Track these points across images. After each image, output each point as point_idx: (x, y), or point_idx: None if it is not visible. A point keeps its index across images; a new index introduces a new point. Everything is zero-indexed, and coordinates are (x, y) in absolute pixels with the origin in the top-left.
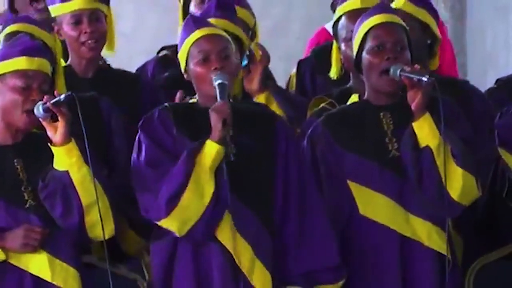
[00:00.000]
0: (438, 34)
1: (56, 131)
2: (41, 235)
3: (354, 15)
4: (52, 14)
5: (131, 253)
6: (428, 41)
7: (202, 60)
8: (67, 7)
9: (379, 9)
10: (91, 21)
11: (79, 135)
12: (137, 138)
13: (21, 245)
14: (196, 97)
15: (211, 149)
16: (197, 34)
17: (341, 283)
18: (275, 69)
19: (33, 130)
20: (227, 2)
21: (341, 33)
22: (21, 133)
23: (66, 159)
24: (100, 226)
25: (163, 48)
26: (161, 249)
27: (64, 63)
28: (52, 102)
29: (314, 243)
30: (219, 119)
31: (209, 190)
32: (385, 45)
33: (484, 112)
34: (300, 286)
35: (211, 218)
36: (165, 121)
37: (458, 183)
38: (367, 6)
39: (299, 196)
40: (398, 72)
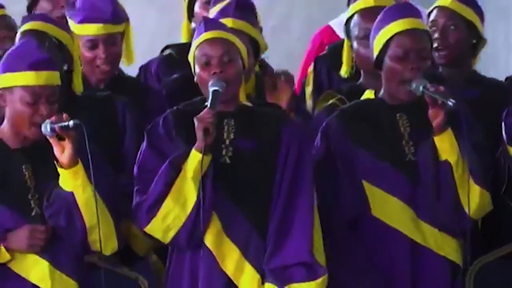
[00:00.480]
0: (483, 34)
1: (62, 151)
2: (46, 234)
3: (367, 14)
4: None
5: (140, 253)
6: (473, 41)
7: (204, 64)
8: (84, 29)
9: (404, 12)
10: (106, 45)
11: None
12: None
13: (27, 246)
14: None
15: (193, 158)
16: (202, 37)
17: (318, 282)
18: (275, 68)
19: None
20: (246, 3)
21: (353, 31)
22: (30, 139)
23: (72, 181)
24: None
25: (167, 47)
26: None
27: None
28: (59, 125)
29: (289, 240)
30: (200, 128)
31: (191, 199)
32: (410, 54)
33: None
34: (272, 282)
35: (194, 226)
36: (168, 125)
37: (475, 200)
38: (380, 4)
39: (287, 195)
40: (421, 89)
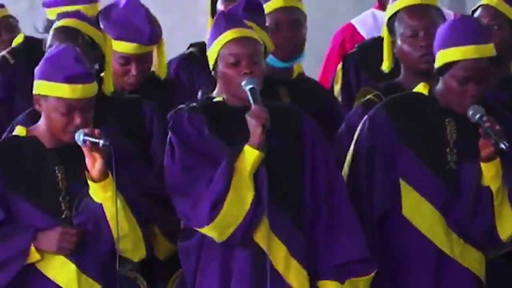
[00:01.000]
0: None
1: (94, 161)
2: (76, 237)
3: (414, 11)
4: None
5: (160, 257)
6: None
7: (233, 64)
8: (118, 46)
9: (473, 37)
10: (138, 64)
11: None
12: (168, 140)
13: (57, 248)
14: (217, 93)
15: (250, 155)
16: (228, 35)
17: (372, 275)
18: None
19: None
20: (255, 4)
21: (399, 28)
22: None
23: (101, 193)
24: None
25: (192, 45)
26: (189, 250)
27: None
28: (90, 140)
29: (343, 236)
30: (258, 124)
31: (249, 196)
32: (472, 78)
33: None
34: (332, 279)
35: (250, 223)
36: (196, 123)
37: (510, 227)
38: (427, 3)
39: (327, 190)
40: (476, 118)
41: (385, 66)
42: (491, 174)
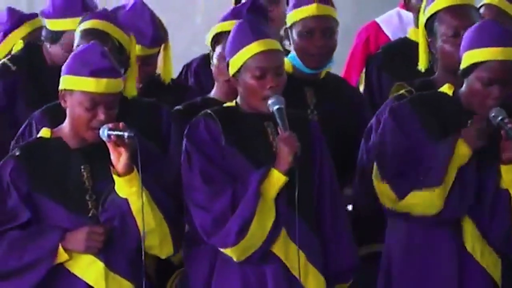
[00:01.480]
0: None
1: (119, 157)
2: (103, 236)
3: (456, 11)
4: None
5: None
6: None
7: (258, 77)
8: None
9: (500, 40)
10: (142, 66)
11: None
12: (184, 147)
13: (85, 247)
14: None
15: (277, 180)
16: (256, 48)
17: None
18: None
19: None
20: (260, 7)
21: (440, 28)
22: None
23: (127, 188)
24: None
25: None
26: (202, 257)
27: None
28: (115, 133)
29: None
30: (290, 152)
31: (271, 219)
32: (496, 80)
33: None
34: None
35: (269, 244)
36: (213, 131)
37: None
38: (466, 3)
39: (331, 196)
40: (498, 120)
41: (421, 66)
42: (510, 178)
